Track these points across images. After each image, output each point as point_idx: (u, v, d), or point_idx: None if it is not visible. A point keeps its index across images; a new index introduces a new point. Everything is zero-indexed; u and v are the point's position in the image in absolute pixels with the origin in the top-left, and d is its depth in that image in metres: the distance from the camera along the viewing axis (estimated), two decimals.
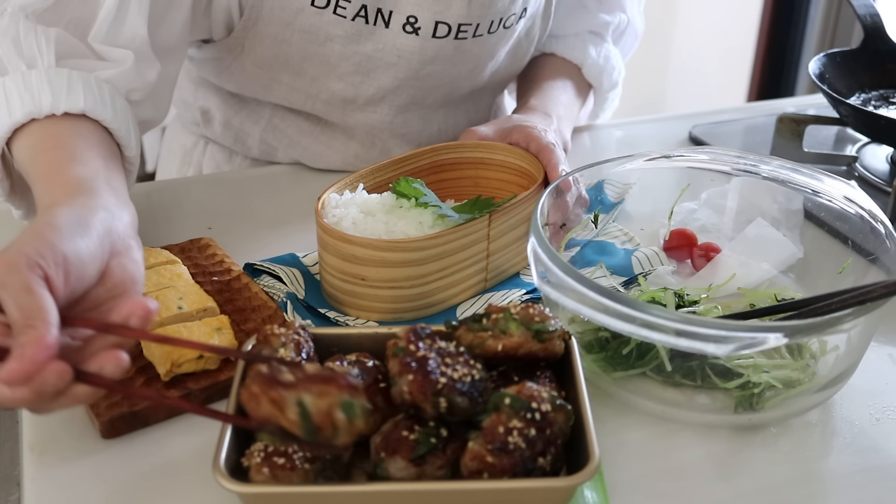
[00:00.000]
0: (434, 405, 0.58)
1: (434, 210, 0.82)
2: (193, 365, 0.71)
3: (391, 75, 0.99)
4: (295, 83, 1.00)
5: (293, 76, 0.99)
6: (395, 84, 1.00)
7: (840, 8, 2.37)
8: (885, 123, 1.03)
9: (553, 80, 1.10)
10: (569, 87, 1.11)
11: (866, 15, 1.18)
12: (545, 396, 0.59)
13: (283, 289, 0.83)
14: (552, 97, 1.06)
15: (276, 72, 0.99)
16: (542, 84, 1.09)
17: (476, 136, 0.94)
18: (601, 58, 1.14)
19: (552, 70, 1.12)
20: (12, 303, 0.55)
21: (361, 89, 1.00)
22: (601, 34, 1.15)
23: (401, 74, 0.99)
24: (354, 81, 0.99)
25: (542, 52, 1.15)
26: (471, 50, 1.00)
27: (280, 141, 1.10)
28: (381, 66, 0.98)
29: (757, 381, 0.70)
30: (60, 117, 0.76)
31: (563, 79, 1.11)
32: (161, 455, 0.67)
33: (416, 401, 0.58)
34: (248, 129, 1.11)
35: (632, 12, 1.18)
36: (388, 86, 1.00)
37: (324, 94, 1.01)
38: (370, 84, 0.99)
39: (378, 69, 0.98)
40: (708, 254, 0.89)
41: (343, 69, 0.98)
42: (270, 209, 1.00)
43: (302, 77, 0.99)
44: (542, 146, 0.90)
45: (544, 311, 0.65)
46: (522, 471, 0.57)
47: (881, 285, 0.66)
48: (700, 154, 0.89)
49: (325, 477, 0.58)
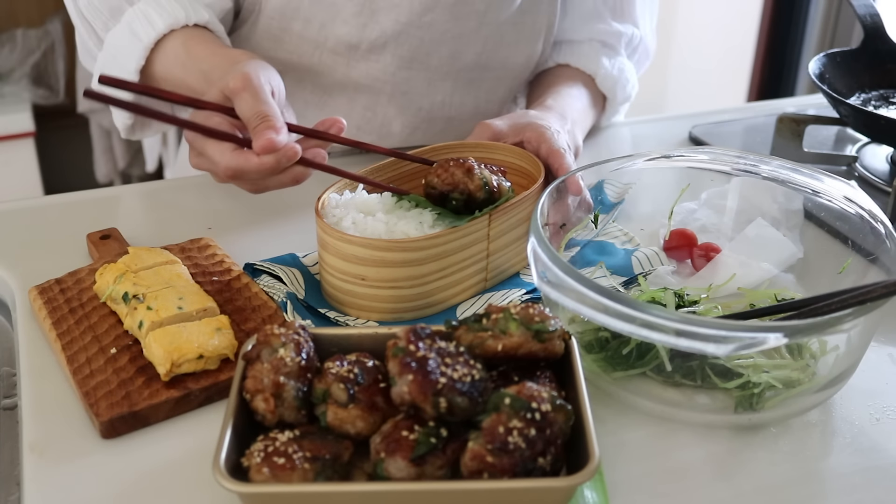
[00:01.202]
0: (434, 405, 0.58)
1: (433, 210, 0.82)
2: (193, 365, 0.71)
3: (393, 18, 1.02)
4: (304, 32, 1.05)
5: (303, 24, 1.04)
6: (396, 29, 1.03)
7: (840, 8, 2.37)
8: (885, 123, 1.03)
9: (569, 87, 1.11)
10: (584, 94, 1.12)
11: (866, 15, 1.18)
12: (545, 396, 0.59)
13: (283, 289, 0.83)
14: (568, 102, 1.07)
15: (286, 20, 1.04)
16: (558, 88, 1.10)
17: (490, 129, 0.94)
18: (615, 69, 1.14)
19: (567, 78, 1.13)
20: (252, 101, 0.78)
21: (365, 32, 1.03)
22: (614, 46, 1.16)
23: (402, 18, 1.02)
24: (358, 24, 1.03)
25: (556, 64, 1.16)
26: (472, 3, 1.03)
27: None
28: (384, 6, 1.02)
29: (757, 381, 0.70)
30: (191, 28, 0.94)
31: (579, 87, 1.12)
32: (161, 455, 0.67)
33: (416, 401, 0.58)
34: None
35: (644, 29, 1.19)
36: (390, 30, 1.03)
37: (330, 40, 1.04)
38: (373, 27, 1.03)
39: (381, 10, 1.02)
40: (708, 254, 0.89)
41: (348, 10, 1.02)
42: (270, 209, 1.00)
43: (310, 23, 1.04)
44: (552, 150, 0.90)
45: (544, 311, 0.65)
46: (522, 471, 0.57)
47: (881, 285, 0.66)
48: (700, 154, 0.89)
49: (325, 477, 0.58)
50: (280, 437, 0.60)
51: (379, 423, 0.61)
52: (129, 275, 0.79)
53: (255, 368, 0.63)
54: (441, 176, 0.82)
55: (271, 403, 0.61)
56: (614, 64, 1.15)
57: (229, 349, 0.73)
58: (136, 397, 0.69)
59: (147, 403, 0.69)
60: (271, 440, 0.59)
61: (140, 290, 0.77)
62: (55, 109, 2.56)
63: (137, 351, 0.74)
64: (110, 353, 0.74)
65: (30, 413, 0.71)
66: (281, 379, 0.62)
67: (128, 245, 0.90)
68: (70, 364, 0.73)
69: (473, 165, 0.82)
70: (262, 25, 1.06)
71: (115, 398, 0.69)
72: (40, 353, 0.78)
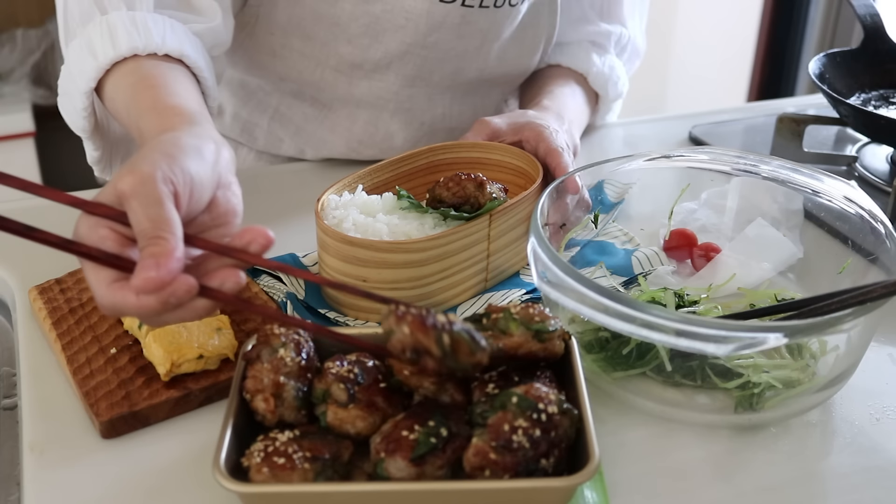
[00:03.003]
0: (438, 341, 0.57)
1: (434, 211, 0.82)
2: (193, 365, 0.71)
3: (398, 39, 1.00)
4: (305, 49, 1.02)
5: (303, 41, 1.01)
6: (401, 49, 1.01)
7: (840, 8, 2.37)
8: (885, 123, 1.03)
9: (562, 87, 1.11)
10: (578, 93, 1.13)
11: (866, 15, 1.18)
12: (553, 399, 0.59)
13: (283, 289, 0.83)
14: (564, 102, 1.07)
15: (287, 37, 1.01)
16: (552, 88, 1.10)
17: (488, 126, 0.94)
18: (606, 67, 1.15)
19: (560, 78, 1.13)
20: (143, 213, 0.58)
21: (369, 53, 1.01)
22: (604, 45, 1.17)
23: (408, 39, 1.00)
24: (362, 44, 1.01)
25: (547, 64, 1.16)
26: (476, 22, 1.01)
27: (286, 129, 1.12)
28: (389, 28, 0.99)
29: (757, 381, 0.70)
30: (160, 58, 0.80)
31: (572, 86, 1.13)
32: (161, 455, 0.67)
33: (419, 341, 0.57)
34: (256, 119, 1.14)
35: (633, 30, 1.19)
36: (395, 50, 1.01)
37: (332, 59, 1.02)
38: (377, 48, 1.01)
39: (386, 31, 1.00)
40: (708, 254, 0.89)
41: (352, 31, 0.99)
42: (270, 209, 1.00)
43: (312, 41, 1.01)
44: (550, 149, 0.90)
45: (544, 311, 0.65)
46: (524, 471, 0.57)
47: (881, 285, 0.66)
48: (700, 154, 0.89)
49: (325, 477, 0.58)
50: (280, 437, 0.60)
51: (379, 423, 0.61)
52: None
53: (255, 368, 0.63)
54: (452, 189, 0.82)
55: (271, 403, 0.61)
56: (605, 62, 1.15)
57: (229, 349, 0.73)
58: (136, 397, 0.69)
59: (147, 403, 0.69)
60: (271, 440, 0.59)
61: None
62: (55, 109, 2.55)
63: (137, 351, 0.74)
64: (110, 353, 0.74)
65: (30, 413, 0.71)
66: (281, 379, 0.62)
67: None
68: (70, 364, 0.73)
69: (485, 181, 0.82)
70: (261, 40, 1.03)
71: (115, 398, 0.69)
72: (40, 353, 0.78)
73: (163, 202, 0.58)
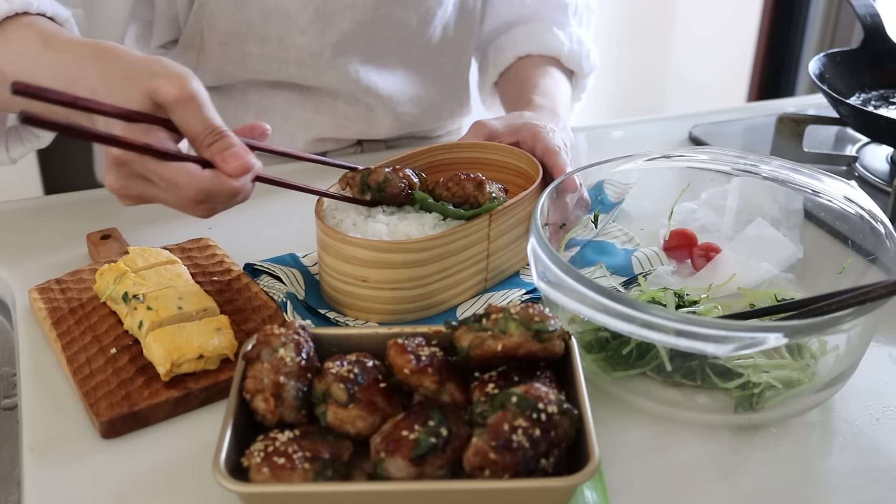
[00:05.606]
0: None
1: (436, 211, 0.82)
2: (193, 365, 0.71)
3: (349, 18, 1.04)
4: (263, 50, 1.04)
5: (260, 43, 1.03)
6: (353, 28, 1.05)
7: (840, 8, 2.37)
8: (885, 123, 1.03)
9: (544, 79, 1.12)
10: (560, 80, 1.14)
11: (866, 15, 1.18)
12: (553, 399, 0.59)
13: (282, 289, 0.83)
14: (553, 97, 1.08)
15: (242, 43, 1.03)
16: (537, 83, 1.10)
17: (485, 128, 0.94)
18: (574, 42, 1.17)
19: (537, 69, 1.14)
20: (195, 117, 0.68)
21: (325, 38, 1.04)
22: (563, 21, 1.18)
23: (358, 16, 1.04)
24: (316, 31, 1.03)
25: (517, 57, 1.17)
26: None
27: (274, 119, 1.14)
28: (338, 9, 1.03)
29: (757, 381, 0.70)
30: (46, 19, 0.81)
31: (553, 74, 1.14)
32: (161, 455, 0.67)
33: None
34: (241, 117, 1.15)
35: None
36: (348, 30, 1.04)
37: (293, 53, 1.05)
38: (332, 31, 1.04)
39: (336, 13, 1.03)
40: (708, 254, 0.89)
41: (304, 20, 1.02)
42: (270, 209, 1.00)
43: (268, 41, 1.03)
44: (548, 148, 0.90)
45: (544, 311, 0.65)
46: (524, 471, 0.57)
47: (881, 285, 0.66)
48: (700, 154, 0.89)
49: (325, 477, 0.58)
50: (280, 437, 0.60)
51: (379, 423, 0.62)
52: (129, 275, 0.79)
53: (255, 368, 0.63)
54: (452, 189, 0.82)
55: (271, 403, 0.61)
56: (571, 37, 1.17)
57: (229, 349, 0.73)
58: (136, 397, 0.69)
59: (147, 403, 0.69)
60: (271, 440, 0.59)
61: (140, 291, 0.77)
62: None
63: (137, 351, 0.74)
64: (110, 354, 0.74)
65: (30, 413, 0.71)
66: (281, 379, 0.62)
67: (128, 245, 0.90)
68: (70, 364, 0.73)
69: (484, 180, 0.82)
70: (217, 52, 1.05)
71: (115, 398, 0.69)
72: (40, 353, 0.78)
73: (208, 104, 0.68)
